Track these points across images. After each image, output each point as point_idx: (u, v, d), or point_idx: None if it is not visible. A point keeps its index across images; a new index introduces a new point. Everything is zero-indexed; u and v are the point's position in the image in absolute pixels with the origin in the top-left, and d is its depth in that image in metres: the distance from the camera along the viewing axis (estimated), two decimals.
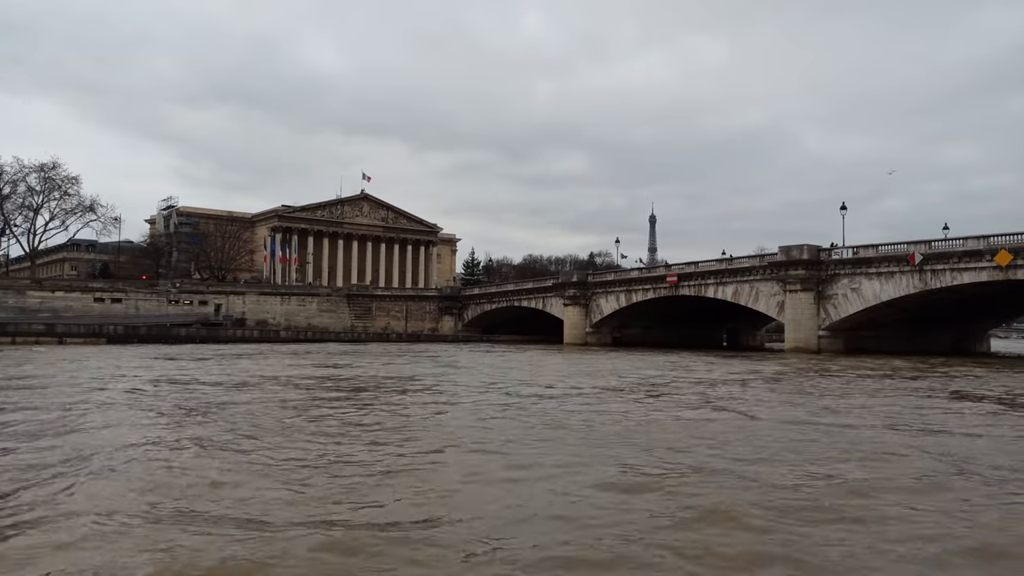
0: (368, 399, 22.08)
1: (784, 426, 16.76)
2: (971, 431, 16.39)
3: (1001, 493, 10.38)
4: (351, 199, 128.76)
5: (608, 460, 12.27)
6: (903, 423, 17.43)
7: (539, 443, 14.07)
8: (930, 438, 15.24)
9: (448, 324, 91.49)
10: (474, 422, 17.04)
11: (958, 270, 53.31)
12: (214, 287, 79.09)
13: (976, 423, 17.82)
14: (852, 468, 11.84)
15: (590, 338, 78.41)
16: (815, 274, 60.37)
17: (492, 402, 21.59)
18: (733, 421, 17.81)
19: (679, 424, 17.12)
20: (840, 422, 17.44)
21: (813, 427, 16.59)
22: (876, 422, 17.44)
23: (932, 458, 12.76)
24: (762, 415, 18.89)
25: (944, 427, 16.87)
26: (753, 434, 15.53)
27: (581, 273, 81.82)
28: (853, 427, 16.64)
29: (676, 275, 70.76)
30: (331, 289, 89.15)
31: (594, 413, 18.80)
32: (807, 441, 14.68)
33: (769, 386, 28.36)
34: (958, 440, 15.06)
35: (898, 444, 14.37)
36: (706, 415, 18.89)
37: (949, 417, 18.84)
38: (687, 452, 13.26)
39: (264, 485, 10.17)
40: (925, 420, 18.01)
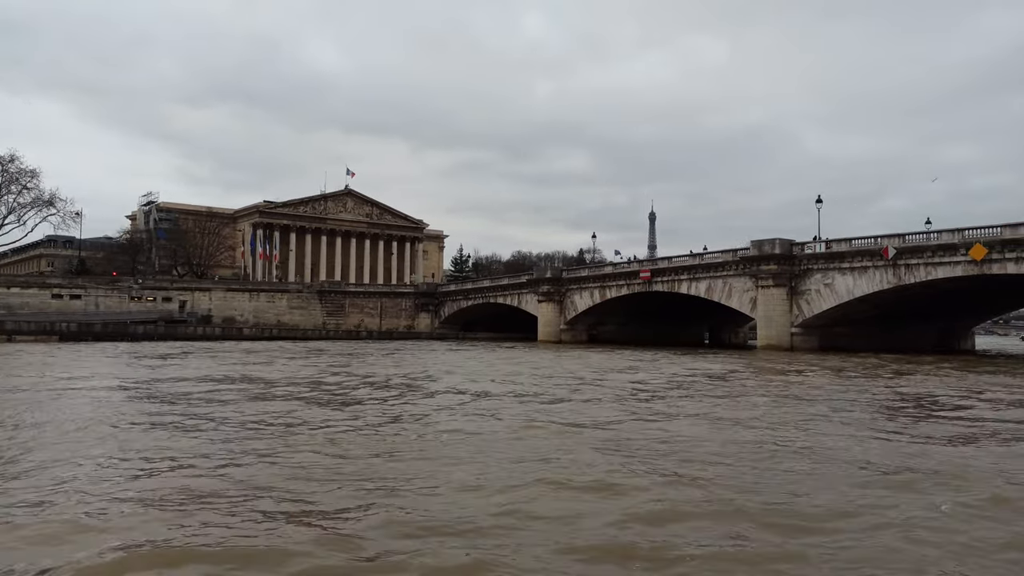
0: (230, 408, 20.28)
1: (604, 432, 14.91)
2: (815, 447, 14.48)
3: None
4: (335, 195, 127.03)
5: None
6: (750, 438, 15.53)
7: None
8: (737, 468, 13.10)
9: (424, 321, 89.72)
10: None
11: (932, 264, 51.22)
12: (178, 283, 77.46)
13: (839, 433, 15.78)
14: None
15: (564, 335, 76.53)
16: (787, 269, 58.34)
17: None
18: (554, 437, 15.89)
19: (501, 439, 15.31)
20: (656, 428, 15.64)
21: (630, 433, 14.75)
22: (701, 430, 15.64)
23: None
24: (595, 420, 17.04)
25: (797, 441, 14.98)
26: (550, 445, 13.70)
27: (555, 269, 79.95)
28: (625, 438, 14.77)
29: (649, 271, 68.78)
30: (301, 285, 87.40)
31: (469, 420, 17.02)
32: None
33: (685, 391, 26.46)
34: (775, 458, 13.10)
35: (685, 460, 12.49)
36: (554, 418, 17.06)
37: (823, 427, 16.89)
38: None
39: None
40: (782, 436, 15.85)
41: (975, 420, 17.97)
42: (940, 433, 15.63)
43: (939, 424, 17.21)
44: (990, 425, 17.11)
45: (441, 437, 14.71)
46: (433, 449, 13.40)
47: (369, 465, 11.65)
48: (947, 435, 15.34)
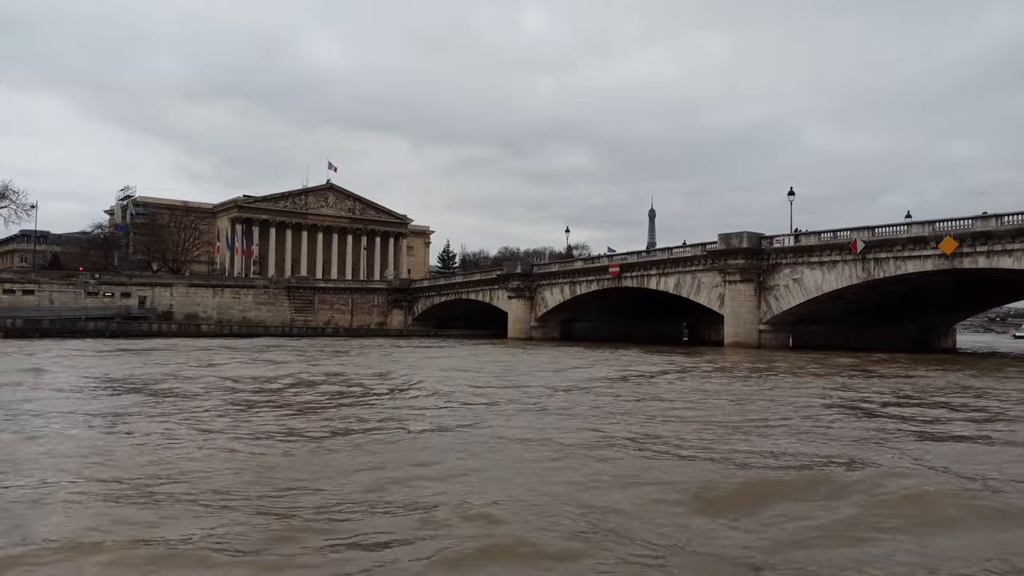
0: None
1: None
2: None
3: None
4: (316, 189, 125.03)
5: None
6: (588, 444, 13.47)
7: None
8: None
9: (397, 318, 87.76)
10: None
11: (902, 258, 48.95)
12: (138, 278, 75.46)
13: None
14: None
15: (535, 332, 74.46)
16: (755, 264, 56.12)
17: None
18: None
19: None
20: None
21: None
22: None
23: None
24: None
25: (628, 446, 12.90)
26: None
27: (526, 264, 77.89)
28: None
29: (618, 266, 66.58)
30: (268, 281, 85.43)
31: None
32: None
33: (584, 389, 24.38)
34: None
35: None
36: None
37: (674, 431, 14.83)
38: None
39: None
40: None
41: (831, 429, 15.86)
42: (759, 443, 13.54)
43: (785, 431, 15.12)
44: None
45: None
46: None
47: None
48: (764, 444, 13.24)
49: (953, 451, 13.06)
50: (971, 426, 16.28)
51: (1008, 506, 8.98)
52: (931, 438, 14.54)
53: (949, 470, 11.05)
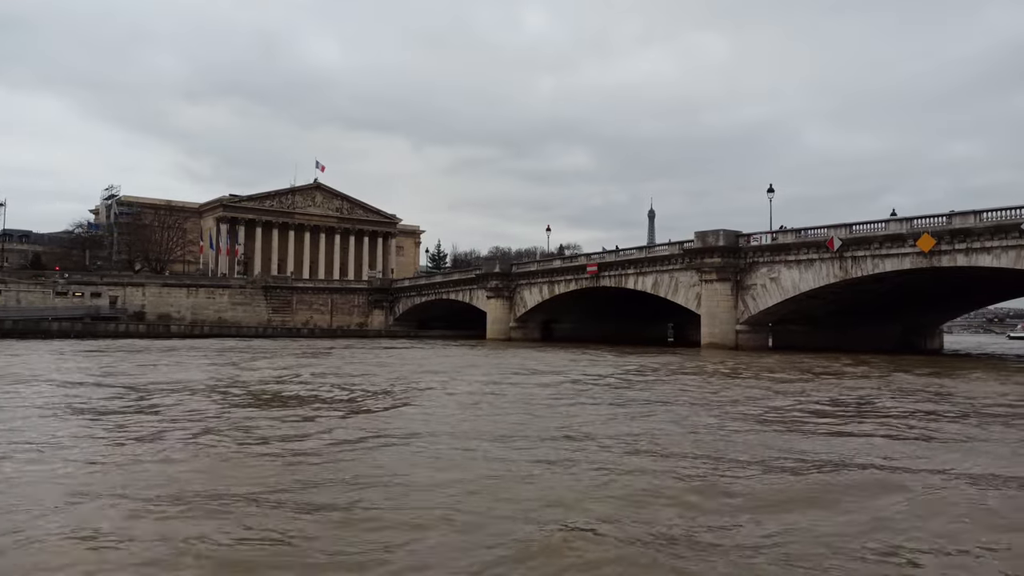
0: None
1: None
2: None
3: None
4: (303, 188, 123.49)
5: None
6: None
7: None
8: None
9: (378, 319, 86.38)
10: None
11: (880, 256, 47.35)
12: (109, 278, 74.15)
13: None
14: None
15: (514, 333, 72.97)
16: (732, 262, 54.57)
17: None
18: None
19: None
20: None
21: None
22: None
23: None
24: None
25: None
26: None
27: (504, 263, 76.29)
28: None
29: (596, 264, 65.08)
30: (245, 280, 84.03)
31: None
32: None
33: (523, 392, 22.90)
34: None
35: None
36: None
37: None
38: None
39: None
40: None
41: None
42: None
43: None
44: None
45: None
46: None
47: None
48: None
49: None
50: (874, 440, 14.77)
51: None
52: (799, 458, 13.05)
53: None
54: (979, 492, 10.00)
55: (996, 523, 8.47)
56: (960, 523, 8.45)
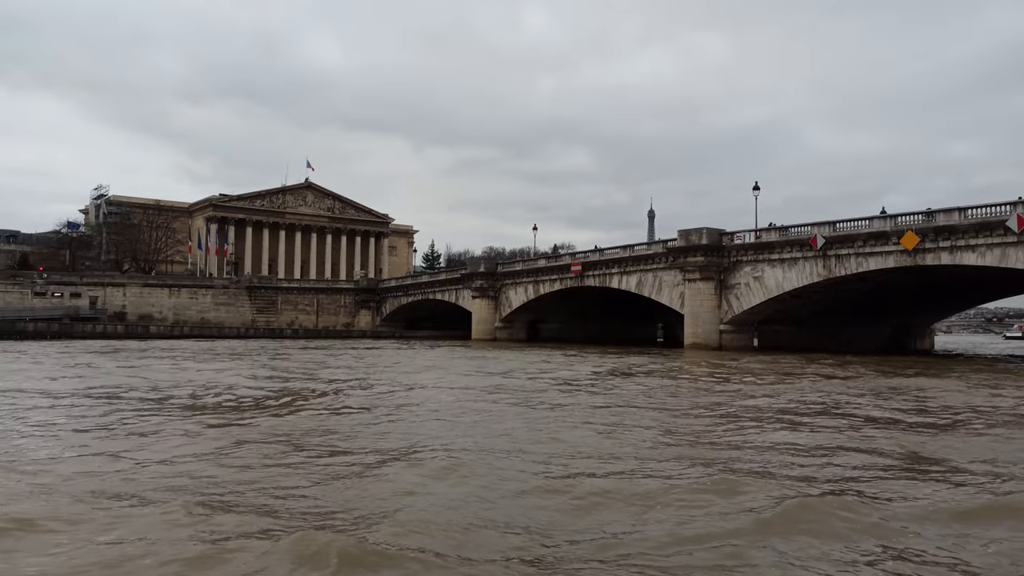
0: None
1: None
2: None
3: None
4: (294, 188, 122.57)
5: None
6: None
7: None
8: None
9: (365, 319, 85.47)
10: None
11: (863, 255, 46.28)
12: (88, 278, 73.21)
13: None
14: None
15: (500, 333, 71.99)
16: (716, 261, 53.54)
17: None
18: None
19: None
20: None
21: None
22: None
23: None
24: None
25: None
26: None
27: (490, 263, 75.36)
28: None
29: (580, 264, 64.08)
30: (228, 280, 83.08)
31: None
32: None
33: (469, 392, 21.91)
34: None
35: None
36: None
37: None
38: None
39: None
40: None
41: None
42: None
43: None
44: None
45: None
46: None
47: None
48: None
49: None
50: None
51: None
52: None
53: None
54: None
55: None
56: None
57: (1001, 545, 7.52)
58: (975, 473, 11.06)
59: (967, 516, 8.60)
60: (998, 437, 14.64)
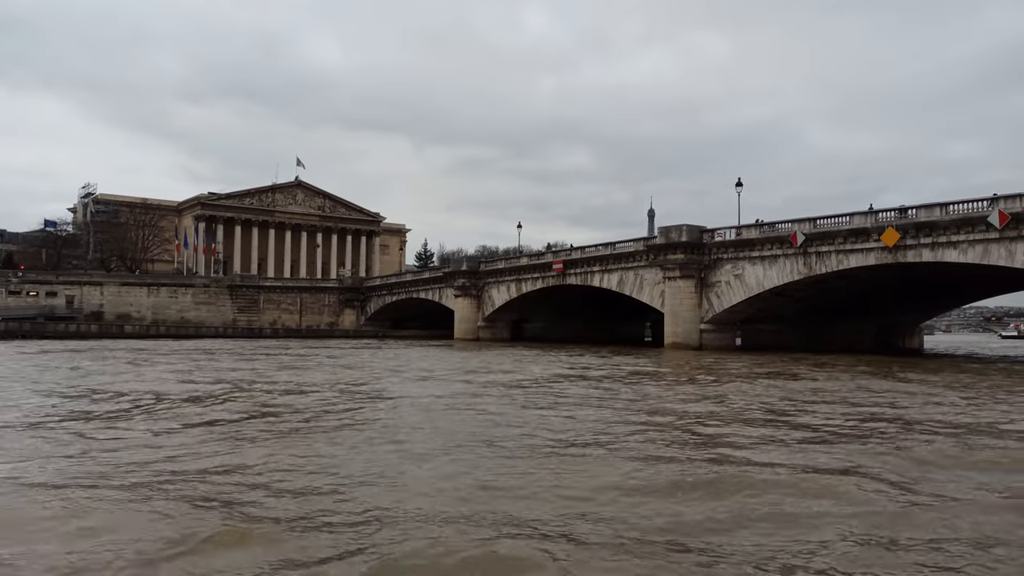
0: None
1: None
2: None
3: None
4: (283, 186, 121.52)
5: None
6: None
7: None
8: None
9: (349, 318, 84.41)
10: None
11: (844, 252, 45.03)
12: (65, 277, 72.20)
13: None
14: None
15: (482, 333, 70.86)
16: (696, 259, 52.30)
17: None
18: None
19: None
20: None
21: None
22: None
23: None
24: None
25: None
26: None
27: (472, 261, 74.14)
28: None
29: (562, 262, 62.90)
30: (209, 279, 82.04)
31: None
32: None
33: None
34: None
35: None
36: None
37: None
38: None
39: None
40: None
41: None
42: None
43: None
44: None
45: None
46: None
47: None
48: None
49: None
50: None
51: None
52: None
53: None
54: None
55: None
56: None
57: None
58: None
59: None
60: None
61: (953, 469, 11.15)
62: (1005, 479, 10.58)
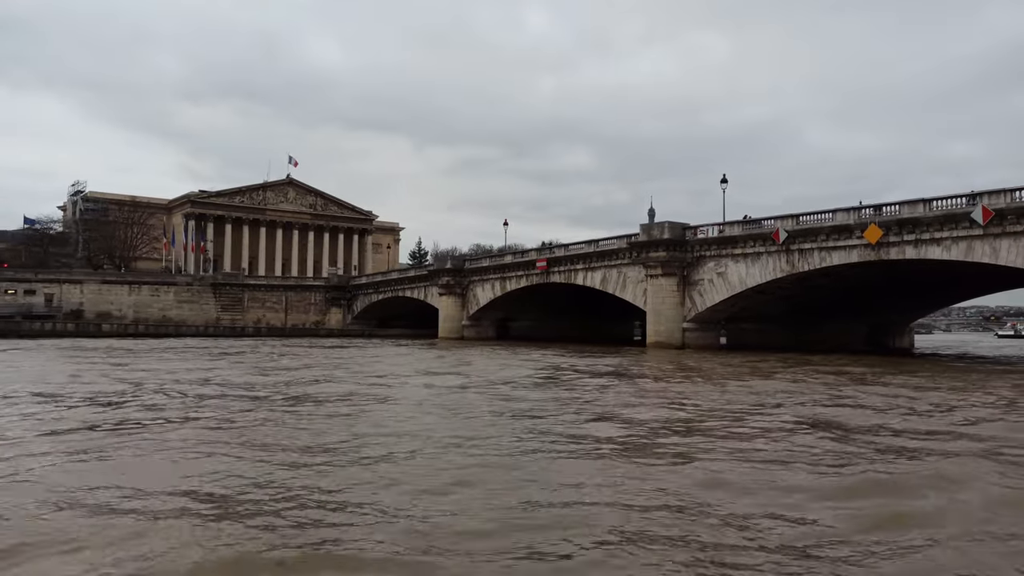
0: None
1: None
2: None
3: None
4: (275, 184, 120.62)
5: None
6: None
7: None
8: None
9: (336, 317, 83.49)
10: None
11: (827, 249, 43.92)
12: (44, 275, 71.25)
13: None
14: None
15: (467, 332, 69.86)
16: (678, 256, 51.22)
17: None
18: None
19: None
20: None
21: None
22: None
23: None
24: None
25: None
26: None
27: (456, 259, 73.15)
28: None
29: (546, 260, 61.91)
30: (192, 277, 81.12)
31: None
32: None
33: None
34: None
35: None
36: None
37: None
38: None
39: None
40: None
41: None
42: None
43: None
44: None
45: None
46: None
47: None
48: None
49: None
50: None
51: None
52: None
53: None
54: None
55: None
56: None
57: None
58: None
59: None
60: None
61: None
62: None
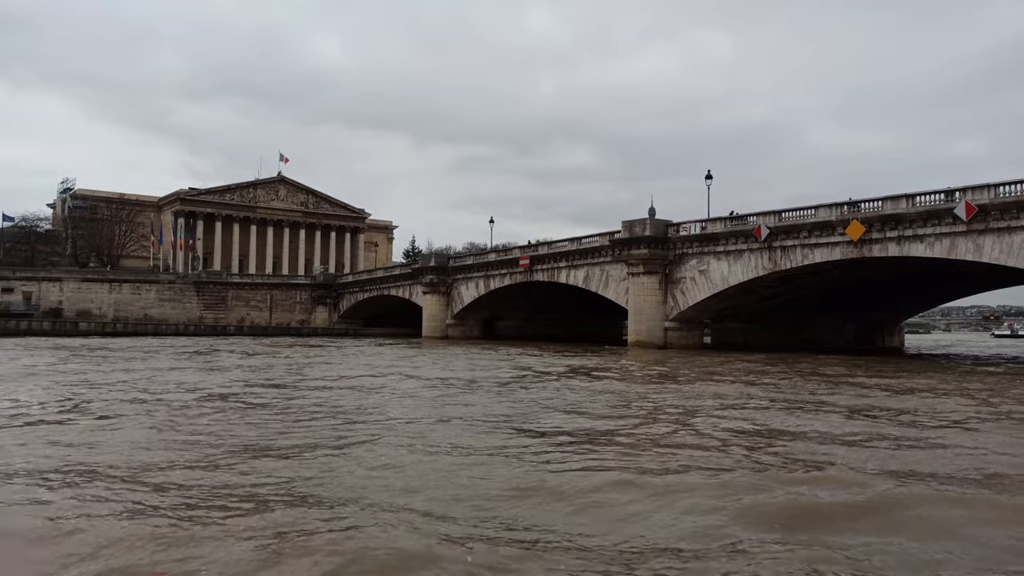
0: None
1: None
2: None
3: None
4: (266, 182, 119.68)
5: None
6: None
7: None
8: None
9: (322, 316, 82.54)
10: None
11: (809, 246, 42.78)
12: (22, 272, 70.30)
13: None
14: None
15: (451, 331, 68.82)
16: (660, 254, 50.11)
17: None
18: None
19: None
20: None
21: None
22: None
23: None
24: None
25: None
26: None
27: (441, 257, 72.07)
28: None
29: (528, 258, 60.83)
30: (175, 275, 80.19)
31: None
32: None
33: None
34: None
35: None
36: None
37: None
38: None
39: None
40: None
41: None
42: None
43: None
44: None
45: None
46: None
47: None
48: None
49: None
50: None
51: None
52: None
53: None
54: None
55: None
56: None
57: None
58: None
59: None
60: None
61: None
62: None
